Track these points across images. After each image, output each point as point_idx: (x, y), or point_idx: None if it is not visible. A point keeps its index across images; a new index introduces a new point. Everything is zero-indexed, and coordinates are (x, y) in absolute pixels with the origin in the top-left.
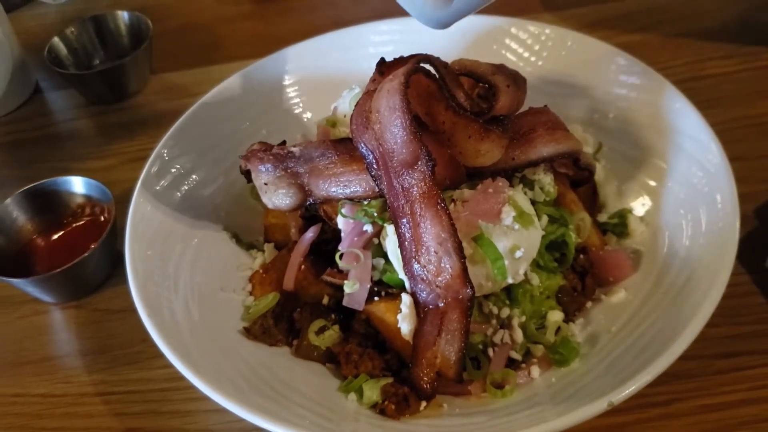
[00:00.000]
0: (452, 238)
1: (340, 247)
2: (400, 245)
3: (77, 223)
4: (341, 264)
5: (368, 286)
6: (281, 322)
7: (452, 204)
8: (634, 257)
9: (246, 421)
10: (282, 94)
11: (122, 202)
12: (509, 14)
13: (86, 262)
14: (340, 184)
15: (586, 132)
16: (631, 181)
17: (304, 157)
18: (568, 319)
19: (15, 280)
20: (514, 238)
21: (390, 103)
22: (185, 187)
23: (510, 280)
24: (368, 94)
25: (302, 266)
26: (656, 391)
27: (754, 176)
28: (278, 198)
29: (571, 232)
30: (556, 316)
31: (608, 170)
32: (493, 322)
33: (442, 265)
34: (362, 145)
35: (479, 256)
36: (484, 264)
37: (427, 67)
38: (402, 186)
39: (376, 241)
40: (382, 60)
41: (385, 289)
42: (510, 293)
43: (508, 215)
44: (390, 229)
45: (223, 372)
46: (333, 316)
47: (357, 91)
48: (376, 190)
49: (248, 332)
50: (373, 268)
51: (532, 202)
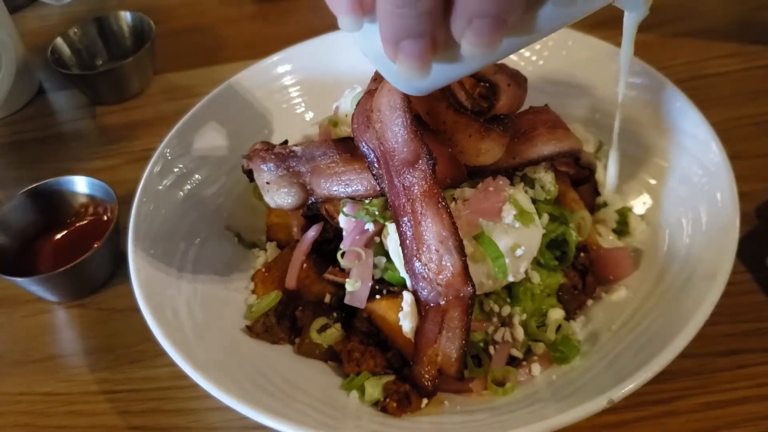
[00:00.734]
0: (453, 236)
1: (341, 246)
2: (402, 244)
3: (81, 223)
4: (343, 262)
5: (370, 285)
6: (283, 321)
7: (453, 202)
8: (634, 255)
9: (249, 419)
10: (284, 94)
11: (125, 201)
12: None
13: (90, 261)
14: (342, 183)
15: (587, 131)
16: (632, 180)
17: (306, 157)
18: (569, 317)
19: (19, 279)
20: (515, 237)
21: (391, 102)
22: (188, 187)
23: (511, 279)
24: (369, 94)
25: (304, 265)
26: (656, 389)
27: (755, 175)
28: (280, 197)
29: (571, 231)
30: (556, 314)
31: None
32: (494, 320)
33: (443, 263)
34: (363, 144)
35: (480, 255)
36: (485, 262)
37: None
38: (403, 185)
39: (377, 239)
40: None
41: (387, 287)
42: (511, 291)
43: (509, 214)
44: (391, 228)
45: (226, 370)
46: (335, 315)
47: (358, 90)
48: (378, 188)
49: (251, 330)
50: (375, 266)
51: (533, 201)
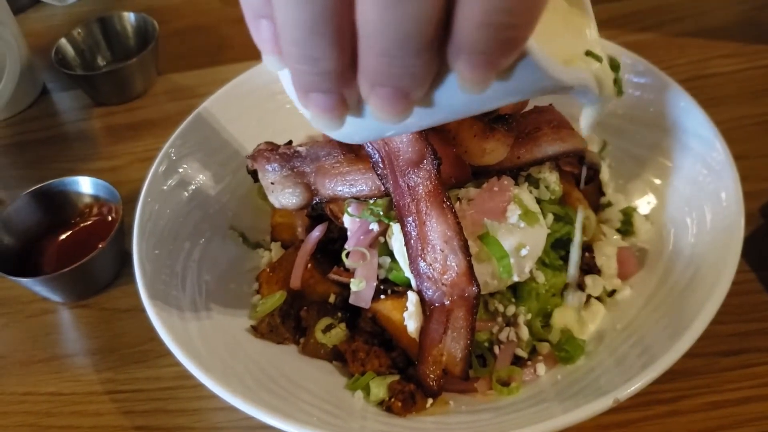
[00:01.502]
0: (458, 236)
1: (346, 246)
2: (406, 243)
3: (85, 223)
4: (347, 262)
5: (374, 285)
6: (288, 321)
7: (458, 202)
8: (639, 255)
9: (254, 419)
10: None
11: (130, 202)
12: None
13: (94, 261)
14: (346, 183)
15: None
16: (637, 180)
17: (310, 157)
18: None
19: (23, 280)
20: (520, 237)
21: None
22: (192, 187)
23: (515, 278)
24: None
25: (309, 265)
26: (662, 389)
27: (759, 175)
28: (285, 197)
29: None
30: (562, 314)
31: (613, 168)
32: (499, 319)
33: (448, 263)
34: (368, 144)
35: (485, 254)
36: (490, 262)
37: None
38: (408, 185)
39: (382, 239)
40: None
41: (392, 287)
42: (516, 291)
43: (514, 213)
44: (396, 228)
45: (231, 370)
46: (339, 315)
47: None
48: (382, 189)
49: (255, 330)
50: (379, 266)
51: (538, 201)
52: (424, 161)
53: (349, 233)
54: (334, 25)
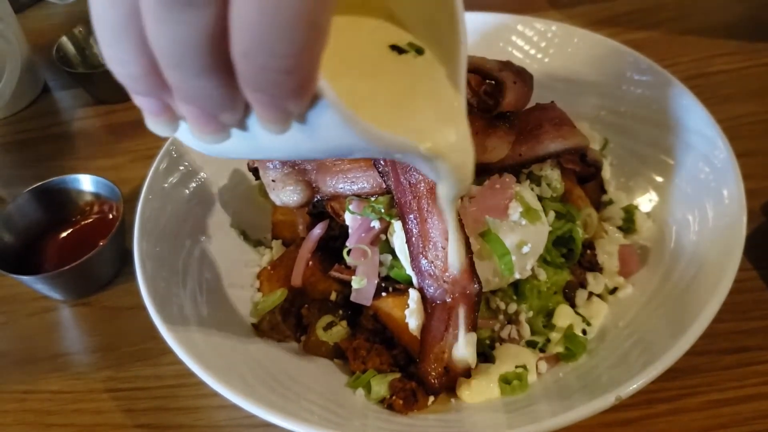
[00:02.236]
0: (460, 233)
1: (347, 243)
2: (408, 241)
3: (86, 221)
4: (349, 260)
5: (376, 282)
6: (289, 318)
7: (459, 200)
8: (641, 253)
9: (255, 417)
10: None
11: (131, 199)
12: (516, 11)
13: (95, 259)
14: (348, 181)
15: (593, 129)
16: (638, 177)
17: None
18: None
19: (24, 278)
20: (521, 234)
21: None
22: (193, 185)
23: (517, 276)
24: None
25: (310, 262)
26: (664, 387)
27: (761, 172)
28: (286, 195)
29: (578, 228)
30: (563, 312)
31: (615, 166)
32: (501, 317)
33: (450, 260)
34: None
35: (486, 252)
36: (492, 259)
37: None
38: (409, 182)
39: (383, 237)
40: None
41: (393, 284)
42: (517, 289)
43: (515, 211)
44: (397, 225)
45: (232, 368)
46: (341, 312)
47: None
48: (384, 186)
49: (256, 328)
50: (381, 264)
51: (539, 198)
52: None
53: (350, 231)
54: (132, 30)
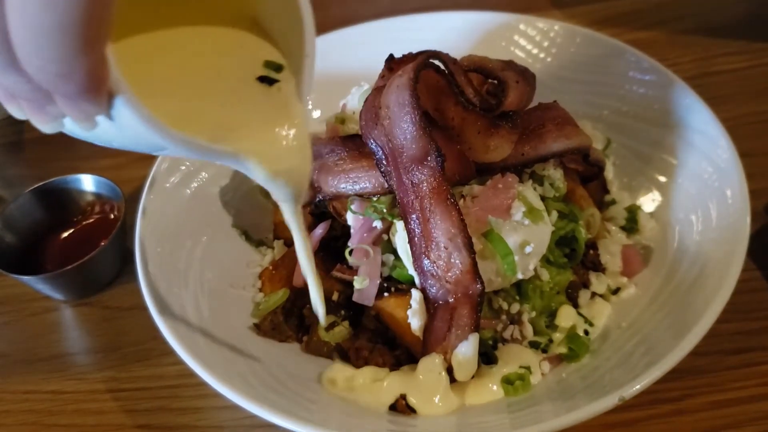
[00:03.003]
0: (462, 233)
1: (349, 243)
2: (410, 241)
3: (87, 221)
4: (351, 260)
5: (378, 282)
6: (291, 319)
7: (462, 200)
8: (644, 253)
9: (257, 417)
10: None
11: (132, 200)
12: (518, 11)
13: (96, 259)
14: (350, 181)
15: (595, 128)
16: (641, 177)
17: (313, 154)
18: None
19: (26, 278)
20: (524, 234)
21: (399, 98)
22: (195, 185)
23: (520, 276)
24: (377, 90)
25: None
26: (667, 387)
27: (765, 172)
28: None
29: (580, 228)
30: (566, 312)
31: (618, 166)
32: (503, 317)
33: (452, 260)
34: (372, 141)
35: (489, 252)
36: (494, 259)
37: (436, 63)
38: (412, 182)
39: (385, 237)
40: (391, 56)
41: (395, 284)
42: (520, 289)
43: (518, 211)
44: (399, 225)
45: (234, 368)
46: (343, 312)
47: (366, 87)
48: (386, 186)
49: (258, 329)
50: (383, 264)
51: (542, 198)
52: (428, 158)
53: (352, 231)
54: None
